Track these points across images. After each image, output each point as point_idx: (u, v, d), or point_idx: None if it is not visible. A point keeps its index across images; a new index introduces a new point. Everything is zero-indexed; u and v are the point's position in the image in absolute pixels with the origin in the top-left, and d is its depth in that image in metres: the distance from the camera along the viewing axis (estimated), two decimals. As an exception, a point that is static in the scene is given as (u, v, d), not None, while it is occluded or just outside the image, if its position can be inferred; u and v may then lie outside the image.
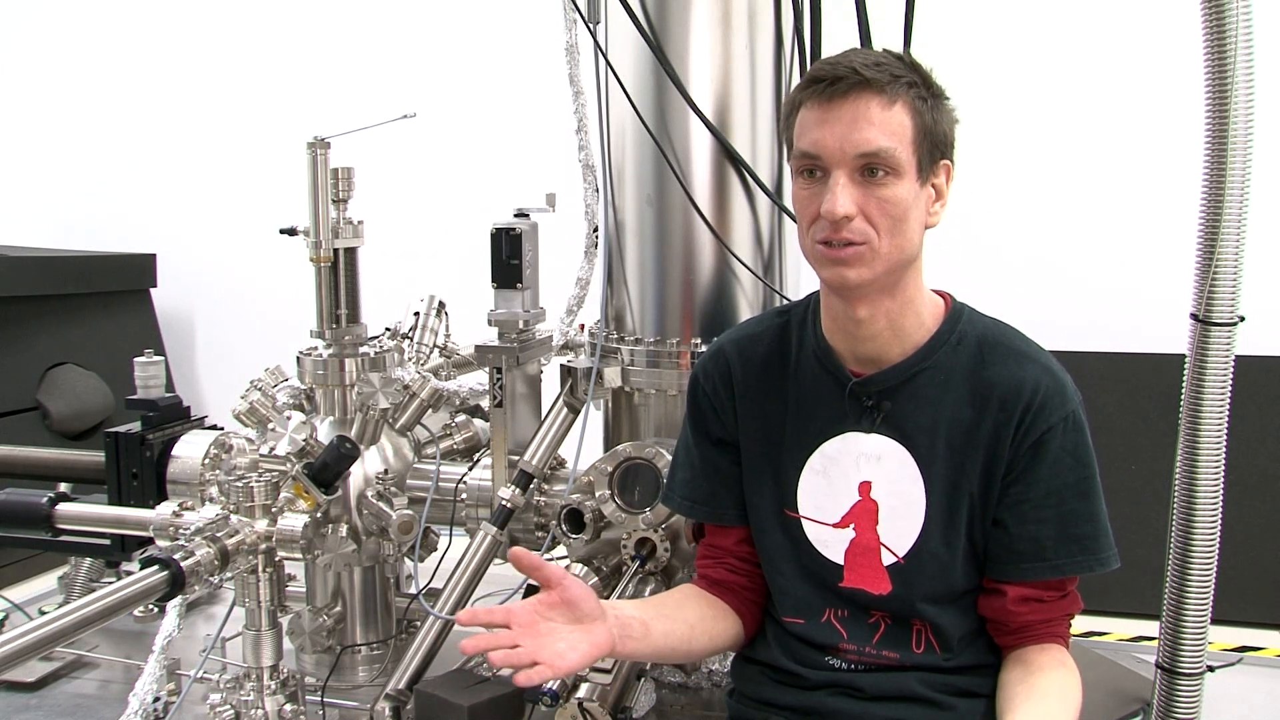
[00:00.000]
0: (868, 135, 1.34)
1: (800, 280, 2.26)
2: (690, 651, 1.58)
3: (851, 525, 1.51)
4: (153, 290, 4.46)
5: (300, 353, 2.41)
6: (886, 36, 2.03)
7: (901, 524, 1.48)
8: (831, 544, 1.52)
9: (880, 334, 1.46)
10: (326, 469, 2.06)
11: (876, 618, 1.52)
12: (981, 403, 1.45)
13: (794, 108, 1.42)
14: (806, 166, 1.39)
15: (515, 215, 2.33)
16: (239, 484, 1.99)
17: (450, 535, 2.46)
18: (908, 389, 1.47)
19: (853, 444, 1.50)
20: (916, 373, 1.47)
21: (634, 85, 2.11)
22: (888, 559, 1.49)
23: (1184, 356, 1.87)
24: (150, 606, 2.49)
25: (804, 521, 1.54)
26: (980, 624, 1.53)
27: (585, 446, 2.19)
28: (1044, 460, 1.44)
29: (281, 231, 2.39)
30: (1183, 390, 1.87)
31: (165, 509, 2.24)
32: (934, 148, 1.40)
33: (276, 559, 1.99)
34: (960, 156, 1.46)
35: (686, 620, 1.56)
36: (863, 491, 1.50)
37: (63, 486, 2.57)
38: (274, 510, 2.00)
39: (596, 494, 2.09)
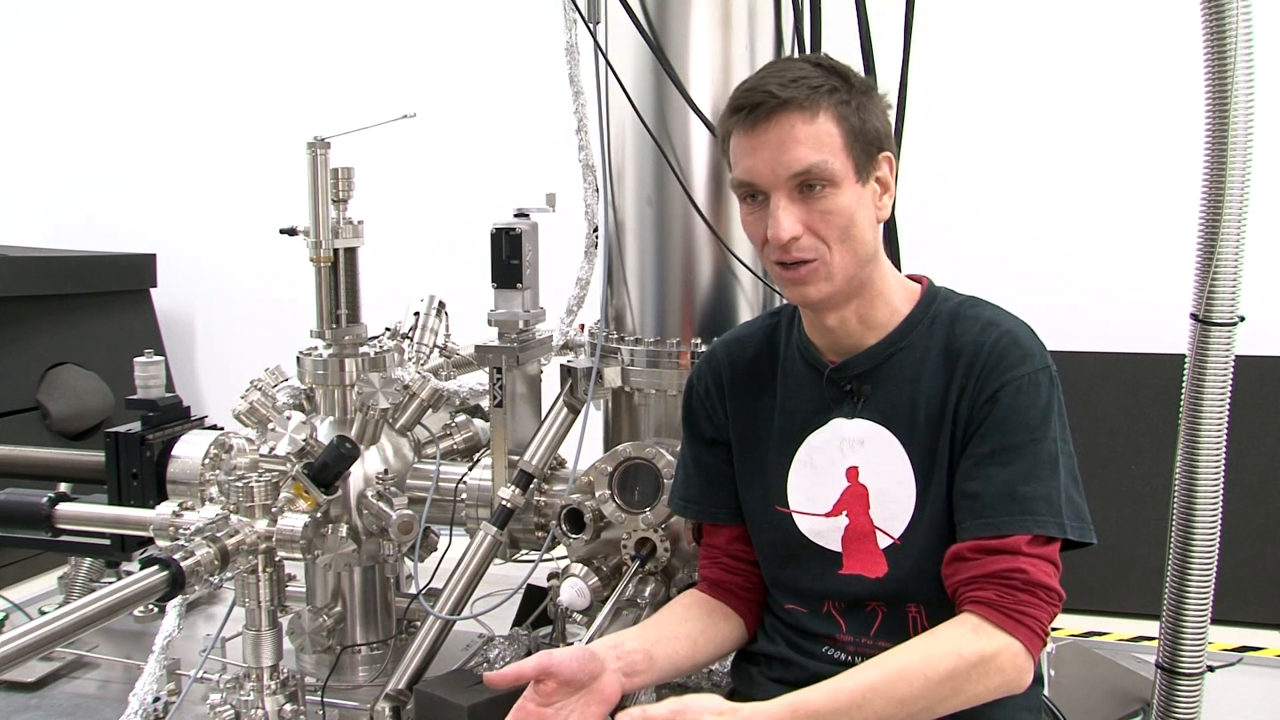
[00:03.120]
0: (796, 155, 1.36)
1: (800, 280, 2.26)
2: (696, 665, 1.61)
3: (844, 512, 1.51)
4: (153, 290, 4.45)
5: (300, 353, 2.41)
6: (887, 36, 2.03)
7: (894, 505, 1.48)
8: (826, 534, 1.52)
9: (854, 331, 1.49)
10: (326, 469, 2.06)
11: (873, 607, 1.51)
12: (950, 371, 1.45)
13: (726, 136, 1.45)
14: (746, 193, 1.43)
15: (515, 215, 2.33)
16: (239, 484, 1.99)
17: (450, 535, 2.46)
18: (884, 370, 1.48)
19: (837, 431, 1.51)
20: (892, 354, 1.48)
21: (634, 85, 2.11)
22: (884, 541, 1.49)
23: (1184, 356, 1.87)
24: (150, 606, 2.49)
25: (795, 515, 1.54)
26: None
27: (585, 446, 2.19)
28: (994, 416, 1.40)
29: (281, 231, 2.39)
30: (1183, 390, 1.87)
31: (165, 509, 2.24)
32: (868, 145, 1.41)
33: (276, 559, 1.99)
34: (961, 156, 1.46)
35: (689, 636, 1.57)
36: (850, 477, 1.50)
37: (63, 486, 2.57)
38: (274, 510, 2.00)
39: (596, 494, 2.09)
